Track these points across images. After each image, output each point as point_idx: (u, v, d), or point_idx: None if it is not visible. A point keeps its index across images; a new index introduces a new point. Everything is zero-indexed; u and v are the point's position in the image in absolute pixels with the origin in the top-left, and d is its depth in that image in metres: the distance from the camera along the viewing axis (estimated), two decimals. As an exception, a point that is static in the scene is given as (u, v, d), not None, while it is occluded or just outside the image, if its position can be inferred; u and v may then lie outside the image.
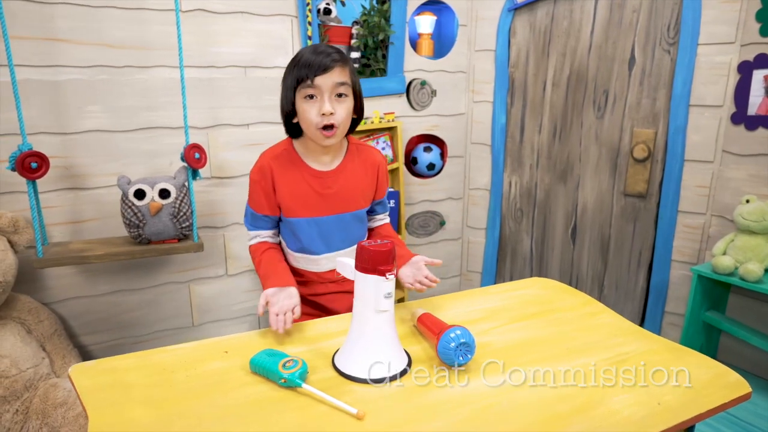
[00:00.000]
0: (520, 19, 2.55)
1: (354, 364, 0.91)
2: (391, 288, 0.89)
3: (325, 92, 1.10)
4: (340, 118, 1.12)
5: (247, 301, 2.38)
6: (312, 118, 1.11)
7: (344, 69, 1.11)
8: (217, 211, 2.22)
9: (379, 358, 0.91)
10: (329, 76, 1.09)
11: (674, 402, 0.85)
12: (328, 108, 1.09)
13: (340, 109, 1.12)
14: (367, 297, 0.89)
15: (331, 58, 1.09)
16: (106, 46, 1.90)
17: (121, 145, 1.99)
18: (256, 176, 1.22)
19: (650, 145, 2.31)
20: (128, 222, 1.78)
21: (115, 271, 2.07)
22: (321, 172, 1.22)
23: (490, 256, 2.87)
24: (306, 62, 1.09)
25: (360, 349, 0.92)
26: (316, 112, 1.11)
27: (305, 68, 1.09)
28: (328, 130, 1.12)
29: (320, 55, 1.08)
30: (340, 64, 1.10)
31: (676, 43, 2.20)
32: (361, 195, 1.27)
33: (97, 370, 0.90)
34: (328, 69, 1.08)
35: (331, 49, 1.11)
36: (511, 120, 2.68)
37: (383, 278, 0.87)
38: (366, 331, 0.91)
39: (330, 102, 1.10)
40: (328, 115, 1.10)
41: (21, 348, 1.72)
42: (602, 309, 1.21)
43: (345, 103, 1.13)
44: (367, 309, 0.90)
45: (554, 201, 2.65)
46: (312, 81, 1.09)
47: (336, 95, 1.11)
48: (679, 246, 2.32)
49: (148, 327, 2.19)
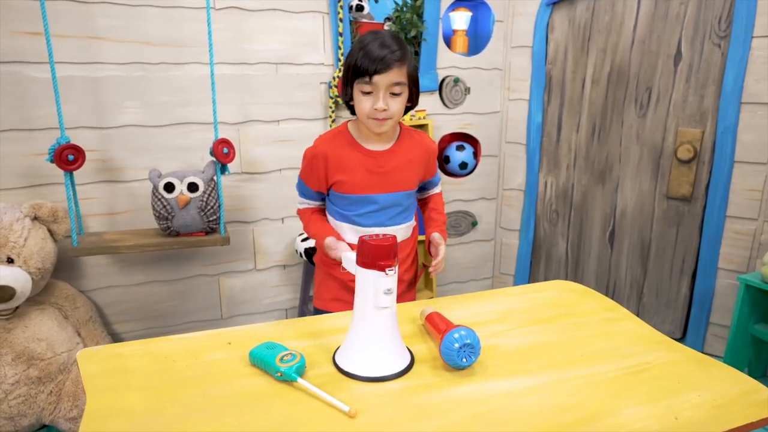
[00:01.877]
0: (558, 14, 2.46)
1: (353, 361, 0.89)
2: (391, 284, 0.86)
3: (381, 89, 1.14)
4: (393, 113, 1.17)
5: (275, 295, 2.41)
6: (365, 109, 1.17)
7: (402, 68, 1.14)
8: (247, 206, 2.25)
9: (378, 356, 0.88)
10: (386, 76, 1.13)
11: (693, 417, 0.78)
12: (381, 105, 1.15)
13: (394, 105, 1.16)
14: (367, 293, 0.87)
15: (393, 57, 1.11)
16: (142, 44, 1.96)
17: (155, 140, 2.05)
18: (309, 155, 1.29)
19: (696, 145, 2.18)
20: (158, 214, 1.83)
21: (148, 262, 2.14)
22: (375, 152, 1.26)
23: (523, 258, 2.78)
24: (366, 56, 1.12)
25: (360, 346, 0.90)
26: (370, 105, 1.16)
27: (365, 62, 1.12)
28: (380, 120, 1.18)
29: (382, 51, 1.11)
30: (398, 64, 1.13)
31: (727, 37, 2.06)
32: (413, 175, 1.32)
33: (103, 355, 0.92)
34: (387, 69, 1.12)
35: (393, 43, 1.14)
36: (548, 118, 2.59)
37: (383, 273, 0.85)
38: (366, 328, 0.89)
39: (384, 99, 1.15)
40: (380, 111, 1.15)
41: (57, 332, 1.80)
42: (626, 315, 1.14)
43: (399, 99, 1.17)
44: (367, 305, 0.87)
45: (592, 203, 2.54)
46: (370, 78, 1.13)
47: (391, 93, 1.16)
48: (726, 253, 2.18)
49: (178, 318, 2.25)
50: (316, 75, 2.25)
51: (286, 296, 2.43)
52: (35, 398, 1.69)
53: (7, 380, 1.63)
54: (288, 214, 2.34)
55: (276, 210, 2.31)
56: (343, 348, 0.93)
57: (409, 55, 1.18)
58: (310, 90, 2.25)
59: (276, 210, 2.31)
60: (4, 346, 1.66)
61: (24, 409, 1.67)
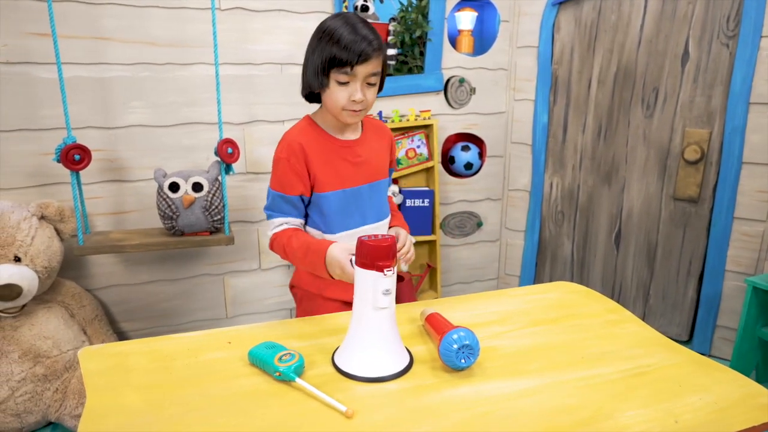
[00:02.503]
0: (564, 14, 2.45)
1: (352, 361, 0.89)
2: (390, 285, 0.86)
3: (359, 80, 1.11)
4: (368, 103, 1.15)
5: (279, 295, 2.41)
6: (341, 101, 1.12)
7: (379, 58, 1.12)
8: (251, 206, 2.26)
9: (377, 357, 0.88)
10: (366, 66, 1.09)
11: (694, 421, 0.77)
12: (359, 96, 1.11)
13: (370, 94, 1.14)
14: (366, 293, 0.87)
15: (372, 46, 1.08)
16: (149, 44, 1.97)
17: (161, 140, 2.06)
18: (283, 154, 1.16)
19: (704, 146, 2.16)
20: (163, 214, 1.84)
21: (153, 262, 2.15)
22: (348, 142, 1.22)
23: (528, 259, 2.77)
24: (346, 45, 1.06)
25: (358, 346, 0.89)
26: (347, 96, 1.11)
27: (345, 52, 1.06)
28: (354, 112, 1.14)
29: (360, 42, 1.06)
30: (377, 53, 1.10)
31: (735, 36, 2.04)
32: (384, 163, 1.31)
33: (104, 354, 0.93)
34: (368, 59, 1.08)
35: (369, 33, 1.09)
36: (554, 119, 2.58)
37: (381, 274, 0.84)
38: (365, 329, 0.89)
39: (362, 90, 1.11)
40: (358, 102, 1.12)
41: (63, 330, 1.82)
42: (628, 317, 1.13)
43: (374, 89, 1.16)
44: (365, 306, 0.87)
45: (597, 204, 2.52)
46: (351, 69, 1.08)
47: (367, 83, 1.13)
48: (734, 255, 2.15)
49: (183, 317, 2.26)
50: (321, 75, 2.25)
51: (291, 296, 2.43)
52: (41, 395, 1.71)
53: (14, 377, 1.65)
54: (293, 214, 2.34)
55: (281, 210, 2.31)
56: (342, 348, 0.93)
57: (384, 45, 1.15)
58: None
59: (281, 210, 2.31)
60: (11, 344, 1.67)
61: (30, 406, 1.68)
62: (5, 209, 1.71)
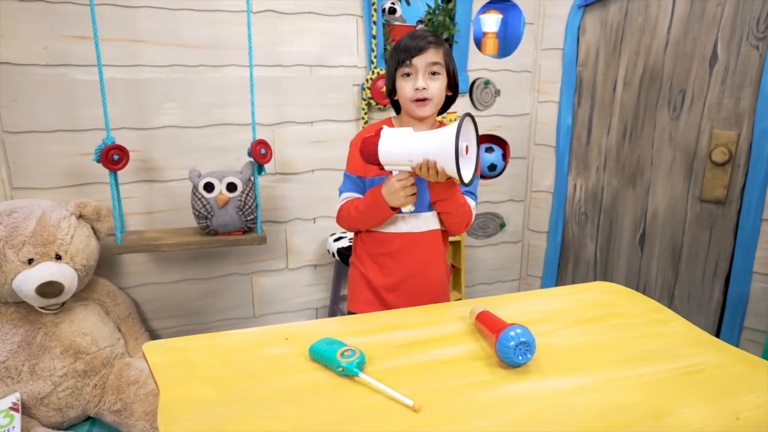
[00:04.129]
0: (590, 16, 2.46)
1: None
2: None
3: (419, 71, 1.23)
4: (433, 92, 1.23)
5: (306, 294, 2.44)
6: (407, 92, 1.24)
7: (438, 50, 1.24)
8: (280, 206, 2.28)
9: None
10: (423, 56, 1.22)
11: (755, 418, 0.79)
12: (421, 84, 1.22)
13: (433, 85, 1.24)
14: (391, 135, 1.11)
15: (426, 40, 1.22)
16: (182, 47, 2.00)
17: (193, 141, 2.09)
18: (355, 141, 1.35)
19: (732, 147, 2.16)
20: (197, 213, 1.87)
21: (184, 261, 2.19)
22: None
23: (551, 260, 2.78)
24: (404, 47, 1.23)
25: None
26: (411, 87, 1.23)
27: (403, 52, 1.23)
28: (420, 102, 1.24)
29: (416, 39, 1.22)
30: (434, 46, 1.23)
31: (765, 38, 2.04)
32: None
33: (168, 348, 0.95)
34: (423, 50, 1.21)
35: (427, 32, 1.24)
36: (578, 121, 2.59)
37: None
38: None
39: (424, 79, 1.23)
40: (421, 90, 1.22)
41: (100, 328, 1.86)
42: (672, 317, 1.15)
43: (438, 80, 1.24)
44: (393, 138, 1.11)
45: (622, 205, 2.53)
46: (410, 61, 1.22)
47: (430, 73, 1.23)
48: (762, 257, 2.15)
49: (212, 315, 2.29)
50: (349, 77, 2.27)
51: (317, 296, 2.46)
52: (81, 391, 1.74)
53: (56, 372, 1.68)
54: (320, 215, 2.37)
55: (308, 210, 2.35)
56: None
57: (446, 46, 1.27)
58: (343, 92, 2.28)
59: (308, 210, 2.35)
60: (53, 340, 1.71)
61: (71, 401, 1.72)
62: (46, 209, 1.75)
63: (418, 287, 1.32)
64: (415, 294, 1.31)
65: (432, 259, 1.34)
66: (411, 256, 1.32)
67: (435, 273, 1.35)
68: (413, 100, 1.24)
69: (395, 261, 1.32)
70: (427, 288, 1.33)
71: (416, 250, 1.32)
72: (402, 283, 1.33)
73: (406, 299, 1.31)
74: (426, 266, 1.32)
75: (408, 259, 1.32)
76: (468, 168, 1.09)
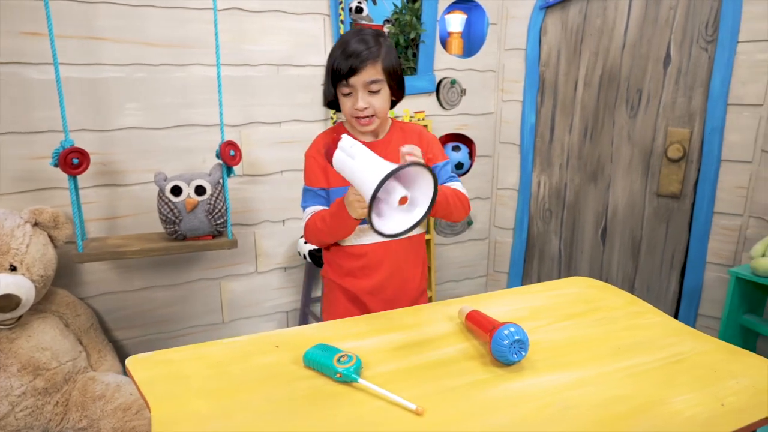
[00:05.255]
0: (551, 18, 2.53)
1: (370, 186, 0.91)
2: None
3: (359, 89, 1.18)
4: (374, 110, 1.20)
5: (276, 298, 2.39)
6: (348, 110, 1.21)
7: (376, 65, 1.17)
8: (248, 209, 2.23)
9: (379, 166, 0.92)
10: (360, 76, 1.16)
11: (739, 403, 0.83)
12: (361, 104, 1.18)
13: (375, 101, 1.19)
14: (344, 161, 1.00)
15: (360, 59, 1.15)
16: (144, 45, 1.92)
17: (157, 143, 2.01)
18: (310, 152, 1.29)
19: (685, 144, 2.27)
20: (164, 218, 1.80)
21: (148, 267, 2.10)
22: (370, 143, 1.26)
23: (517, 256, 2.85)
24: (338, 62, 1.17)
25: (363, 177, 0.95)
26: (351, 105, 1.20)
27: (340, 66, 1.16)
28: (362, 120, 1.21)
29: (350, 58, 1.15)
30: (371, 62, 1.16)
31: (714, 41, 2.16)
32: None
33: (153, 361, 0.91)
34: (359, 69, 1.15)
35: (360, 46, 1.16)
36: (541, 119, 2.66)
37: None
38: (358, 169, 0.97)
39: (363, 98, 1.18)
40: (362, 110, 1.19)
41: (60, 341, 1.75)
42: (649, 309, 1.20)
43: (379, 96, 1.20)
44: (347, 164, 0.99)
45: (584, 201, 2.62)
46: (347, 81, 1.17)
47: (369, 91, 1.18)
48: (714, 248, 2.28)
49: (179, 323, 2.22)
50: (317, 77, 2.25)
51: (288, 299, 2.42)
52: (42, 409, 1.64)
53: (14, 392, 1.58)
54: (289, 216, 2.33)
55: (277, 212, 2.30)
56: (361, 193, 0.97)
57: (386, 50, 1.19)
58: (311, 91, 2.25)
59: (277, 212, 2.30)
60: (9, 357, 1.60)
61: (31, 421, 1.62)
62: (-1, 216, 1.64)
63: (395, 293, 1.30)
64: (395, 299, 1.30)
65: (405, 265, 1.31)
66: (384, 264, 1.29)
67: (410, 277, 1.33)
68: (354, 116, 1.21)
69: (373, 270, 1.29)
70: (404, 293, 1.32)
71: (389, 257, 1.29)
72: (382, 289, 1.30)
73: (387, 306, 1.30)
74: (400, 272, 1.30)
75: (382, 268, 1.29)
76: (396, 220, 0.96)
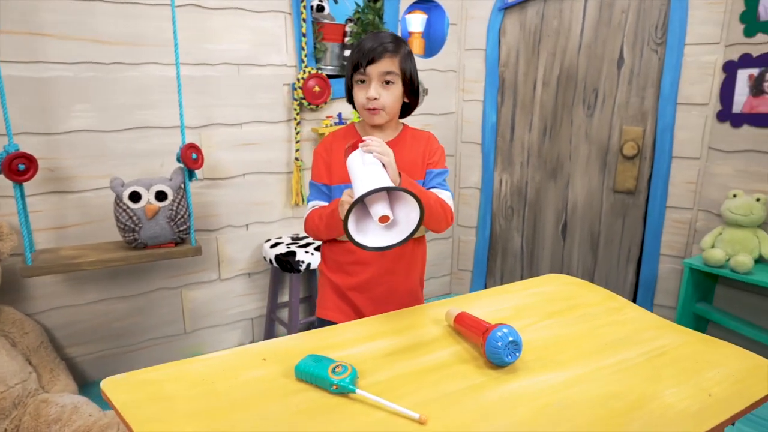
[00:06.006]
0: (510, 19, 2.57)
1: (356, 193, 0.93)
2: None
3: (373, 79, 1.19)
4: (384, 102, 1.20)
5: (241, 305, 2.32)
6: (359, 100, 1.22)
7: (394, 58, 1.19)
8: (210, 214, 2.14)
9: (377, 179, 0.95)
10: (377, 66, 1.18)
11: (724, 393, 0.86)
12: (372, 93, 1.19)
13: (386, 95, 1.20)
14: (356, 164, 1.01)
15: (382, 47, 1.17)
16: (94, 42, 1.81)
17: (109, 146, 1.90)
18: (318, 149, 1.32)
19: (639, 142, 2.37)
20: (123, 226, 1.70)
21: (102, 279, 1.98)
22: None
23: (480, 254, 2.88)
24: (360, 51, 1.19)
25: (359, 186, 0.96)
26: (364, 95, 1.21)
27: (359, 56, 1.19)
28: (372, 111, 1.21)
29: (372, 45, 1.18)
30: (390, 54, 1.18)
31: (663, 43, 2.26)
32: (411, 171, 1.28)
33: (132, 383, 0.84)
34: (376, 59, 1.17)
35: (386, 38, 1.20)
36: (502, 119, 2.70)
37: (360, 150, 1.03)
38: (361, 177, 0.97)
39: (376, 88, 1.19)
40: (372, 100, 1.19)
41: (7, 363, 1.62)
42: (625, 303, 1.23)
43: (391, 90, 1.21)
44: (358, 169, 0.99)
45: (545, 199, 2.68)
46: (364, 69, 1.18)
47: (384, 82, 1.19)
48: (667, 240, 2.39)
49: (138, 336, 2.10)
50: (279, 76, 2.19)
51: (253, 305, 2.35)
52: (-10, 438, 1.51)
53: (-42, 421, 1.44)
54: (252, 221, 2.26)
55: (240, 216, 2.23)
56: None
57: (405, 51, 1.22)
58: (274, 92, 2.19)
59: (240, 216, 2.23)
60: (-48, 383, 1.46)
61: (-21, 452, 1.49)
62: (-66, 229, 1.49)
63: (386, 293, 1.30)
64: (382, 299, 1.29)
65: (396, 266, 1.30)
66: (374, 263, 1.28)
67: (403, 278, 1.32)
68: (365, 108, 1.22)
69: (363, 267, 1.28)
70: (395, 294, 1.31)
71: (379, 257, 1.29)
72: (369, 287, 1.29)
73: (374, 305, 1.28)
74: (393, 272, 1.30)
75: (371, 266, 1.29)
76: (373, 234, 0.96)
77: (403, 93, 1.24)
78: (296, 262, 2.04)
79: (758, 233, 2.07)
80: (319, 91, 2.22)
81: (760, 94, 2.07)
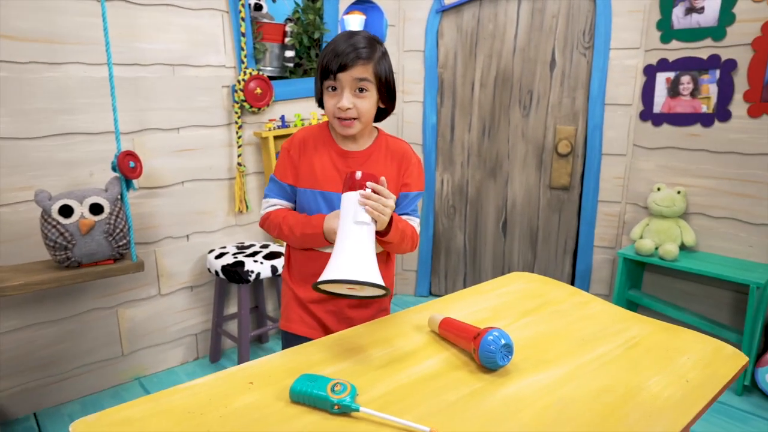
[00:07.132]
0: (447, 21, 2.62)
1: (335, 269, 0.90)
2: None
3: (345, 87, 1.11)
4: (358, 112, 1.12)
5: (183, 321, 2.18)
6: (330, 108, 1.14)
7: (367, 65, 1.10)
8: (147, 225, 1.99)
9: (361, 261, 0.91)
10: (349, 73, 1.09)
11: (699, 378, 0.92)
12: (344, 103, 1.10)
13: (360, 103, 1.12)
14: (348, 211, 0.96)
15: (355, 54, 1.08)
16: (6, 38, 1.61)
17: (29, 155, 1.70)
18: (287, 145, 1.23)
19: (572, 141, 2.50)
20: (53, 244, 1.53)
21: (26, 302, 1.78)
22: (348, 152, 1.19)
23: (425, 254, 2.91)
24: (330, 56, 1.10)
25: (342, 253, 0.93)
26: (334, 104, 1.12)
27: (329, 61, 1.10)
28: (344, 122, 1.13)
29: (344, 51, 1.09)
30: (363, 61, 1.09)
31: (591, 48, 2.40)
32: None
33: (105, 423, 0.75)
34: (348, 66, 1.08)
35: (359, 42, 1.10)
36: (442, 119, 2.74)
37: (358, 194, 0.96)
38: (346, 243, 0.94)
39: (348, 97, 1.10)
40: (344, 110, 1.11)
41: None
42: (590, 298, 1.28)
43: (366, 98, 1.12)
44: (347, 222, 0.95)
45: (485, 196, 2.76)
46: (335, 76, 1.10)
47: (357, 89, 1.11)
48: (600, 233, 2.54)
49: (69, 363, 1.91)
50: (218, 78, 2.08)
51: (196, 320, 2.22)
52: None
53: None
54: (194, 230, 2.13)
55: (180, 227, 2.09)
56: (327, 266, 0.93)
57: (380, 55, 1.13)
58: (212, 94, 2.07)
59: (180, 227, 2.09)
60: None
61: None
62: None
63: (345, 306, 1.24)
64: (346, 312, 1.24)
65: None
66: None
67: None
68: (336, 116, 1.13)
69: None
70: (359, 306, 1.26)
71: None
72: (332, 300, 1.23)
73: (337, 318, 1.23)
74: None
75: None
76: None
77: (378, 99, 1.15)
78: (245, 272, 1.95)
79: (680, 223, 2.26)
80: (260, 93, 2.13)
81: (676, 96, 2.26)
